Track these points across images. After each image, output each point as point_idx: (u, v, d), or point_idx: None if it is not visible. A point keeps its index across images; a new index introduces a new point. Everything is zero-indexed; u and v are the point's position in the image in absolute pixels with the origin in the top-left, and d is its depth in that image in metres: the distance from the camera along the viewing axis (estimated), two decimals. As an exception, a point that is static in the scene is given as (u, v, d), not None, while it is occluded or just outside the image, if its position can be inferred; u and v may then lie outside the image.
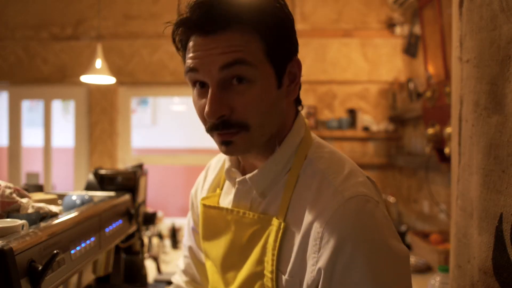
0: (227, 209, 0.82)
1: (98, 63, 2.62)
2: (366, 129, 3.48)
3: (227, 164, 0.85)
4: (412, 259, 2.42)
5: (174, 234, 3.08)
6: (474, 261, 0.84)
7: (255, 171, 0.78)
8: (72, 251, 0.93)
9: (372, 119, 3.56)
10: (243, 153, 0.77)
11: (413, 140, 3.23)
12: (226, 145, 0.73)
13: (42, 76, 3.62)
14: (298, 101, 0.81)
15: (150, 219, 1.89)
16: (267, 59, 0.69)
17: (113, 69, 3.35)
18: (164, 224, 3.26)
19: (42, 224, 0.88)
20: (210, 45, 0.68)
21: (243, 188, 0.80)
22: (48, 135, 3.72)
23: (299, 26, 3.60)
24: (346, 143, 3.57)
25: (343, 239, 0.65)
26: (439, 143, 2.10)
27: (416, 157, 2.95)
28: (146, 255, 2.24)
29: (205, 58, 0.68)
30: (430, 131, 2.12)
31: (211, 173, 0.96)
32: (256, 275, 0.75)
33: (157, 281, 2.19)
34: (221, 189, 0.90)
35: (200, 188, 0.99)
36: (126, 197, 1.40)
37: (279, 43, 0.70)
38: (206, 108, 0.69)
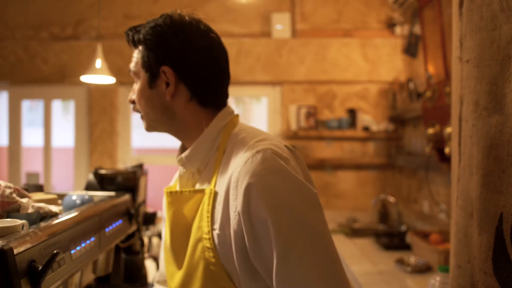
0: (171, 192, 0.95)
1: (98, 63, 2.62)
2: (366, 129, 3.48)
3: (178, 153, 1.00)
4: (412, 259, 2.42)
5: (174, 234, 3.07)
6: (474, 261, 0.84)
7: (188, 150, 0.94)
8: (72, 251, 0.93)
9: (372, 119, 3.56)
10: (150, 130, 1.00)
11: (413, 140, 3.23)
12: (144, 124, 1.01)
13: (42, 76, 3.62)
14: (204, 101, 0.96)
15: (150, 219, 1.89)
16: (142, 67, 0.95)
17: (113, 69, 3.35)
18: (164, 224, 3.26)
19: (42, 224, 0.88)
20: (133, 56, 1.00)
21: (183, 169, 0.96)
22: (48, 135, 3.72)
23: (299, 26, 3.60)
24: (346, 143, 3.57)
25: (250, 182, 0.78)
26: (439, 143, 2.10)
27: (416, 157, 2.95)
28: (146, 255, 2.24)
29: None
30: (430, 131, 2.12)
31: (177, 174, 1.07)
32: (197, 240, 0.86)
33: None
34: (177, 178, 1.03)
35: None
36: (126, 197, 1.40)
37: (148, 55, 0.94)
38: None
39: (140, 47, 0.95)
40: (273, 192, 0.77)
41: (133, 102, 1.00)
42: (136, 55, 0.97)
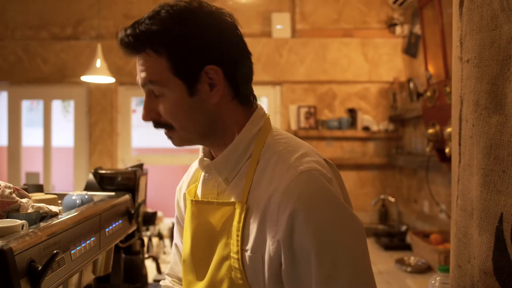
0: (196, 200, 0.88)
1: (98, 63, 2.63)
2: (366, 129, 3.48)
3: (200, 155, 0.91)
4: (412, 259, 2.42)
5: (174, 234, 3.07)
6: (474, 261, 0.84)
7: (217, 157, 0.85)
8: (72, 251, 0.93)
9: (372, 119, 3.56)
10: (183, 145, 0.87)
11: (413, 140, 3.23)
12: (169, 139, 0.87)
13: (42, 76, 3.62)
14: (245, 99, 0.86)
15: (150, 219, 1.89)
16: (174, 75, 0.79)
17: (113, 69, 3.35)
18: (164, 224, 3.26)
19: (42, 224, 0.88)
20: (138, 62, 0.83)
21: (209, 176, 0.88)
22: (48, 135, 3.72)
23: (299, 26, 3.60)
24: (346, 143, 3.57)
25: (296, 208, 0.72)
26: (439, 143, 2.10)
27: (416, 157, 2.95)
28: (146, 255, 2.24)
29: (138, 77, 0.85)
30: (430, 131, 2.12)
31: (193, 169, 1.02)
32: (224, 258, 0.80)
33: (157, 281, 2.19)
34: (199, 182, 0.96)
35: (185, 185, 1.02)
36: (126, 197, 1.40)
37: (183, 58, 0.78)
38: (142, 113, 0.86)
39: (162, 49, 0.78)
40: (319, 221, 0.72)
41: (154, 120, 0.84)
42: (149, 61, 0.80)
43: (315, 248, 0.71)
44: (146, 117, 0.85)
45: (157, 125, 0.85)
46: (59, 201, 1.14)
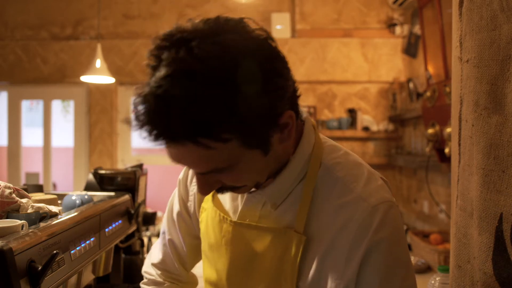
0: (236, 222, 0.78)
1: (98, 63, 2.63)
2: (366, 129, 3.48)
3: None
4: (412, 259, 2.42)
5: (174, 234, 3.07)
6: (474, 261, 0.84)
7: (269, 185, 0.74)
8: (72, 251, 0.93)
9: (372, 119, 3.56)
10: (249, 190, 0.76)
11: (413, 140, 3.23)
12: (232, 192, 0.74)
13: (41, 76, 3.62)
14: (297, 112, 0.72)
15: (150, 219, 1.89)
16: (245, 149, 0.62)
17: (113, 69, 3.35)
18: (164, 224, 3.26)
19: (42, 224, 0.88)
20: (177, 153, 0.62)
21: (253, 198, 0.76)
22: (48, 135, 3.72)
23: (299, 26, 3.60)
24: (346, 143, 3.57)
25: (370, 250, 0.66)
26: (439, 143, 2.10)
27: (416, 157, 2.95)
28: (145, 255, 2.24)
29: (179, 161, 0.64)
30: (430, 131, 2.12)
31: None
32: None
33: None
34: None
35: (190, 177, 0.92)
36: (126, 197, 1.40)
37: (253, 130, 0.61)
38: (198, 188, 0.69)
39: (232, 135, 0.59)
40: (390, 263, 0.67)
41: (221, 189, 0.71)
42: (205, 151, 0.59)
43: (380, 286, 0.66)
44: (208, 193, 0.71)
45: (222, 190, 0.71)
46: (59, 201, 1.14)
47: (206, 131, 0.56)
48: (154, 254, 1.05)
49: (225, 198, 0.83)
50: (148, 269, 1.05)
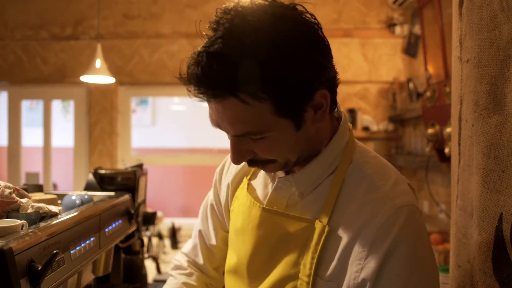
0: (264, 207, 0.80)
1: (98, 63, 2.62)
2: (366, 129, 3.48)
3: None
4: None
5: (173, 234, 3.08)
6: (474, 261, 0.84)
7: (300, 171, 0.77)
8: (72, 251, 0.93)
9: (372, 119, 3.56)
10: (276, 171, 0.79)
11: (413, 140, 3.23)
12: (262, 169, 0.79)
13: (41, 76, 3.62)
14: (334, 108, 0.78)
15: (150, 219, 1.89)
16: (278, 116, 0.67)
17: (113, 69, 3.35)
18: (164, 224, 3.26)
19: (42, 224, 0.88)
20: (217, 110, 0.67)
21: (282, 185, 0.79)
22: (48, 135, 3.72)
23: (299, 26, 3.60)
24: (346, 143, 3.57)
25: (391, 249, 0.67)
26: (439, 143, 2.10)
27: (416, 157, 2.95)
28: (145, 255, 2.24)
29: (217, 121, 0.69)
30: (430, 131, 2.12)
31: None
32: (289, 277, 0.74)
33: (156, 281, 2.19)
34: (249, 178, 0.89)
35: (226, 168, 0.96)
36: (126, 197, 1.40)
37: (287, 97, 0.66)
38: (230, 156, 0.73)
39: (265, 95, 0.64)
40: (413, 266, 0.67)
41: (252, 160, 0.75)
42: (240, 110, 0.65)
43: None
44: (238, 162, 0.74)
45: (252, 163, 0.76)
46: (59, 201, 1.14)
47: (245, 87, 0.62)
48: (187, 243, 1.10)
49: (258, 186, 0.86)
50: (178, 256, 1.10)
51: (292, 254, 0.74)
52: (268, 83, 0.63)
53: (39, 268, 0.75)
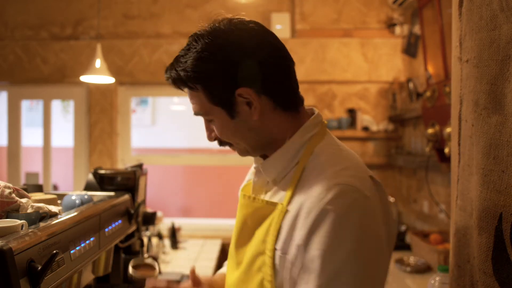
0: (245, 195, 0.95)
1: (98, 63, 2.63)
2: (365, 129, 3.48)
3: (257, 160, 0.98)
4: (412, 259, 2.42)
5: (173, 234, 3.08)
6: (474, 261, 0.84)
7: (266, 160, 0.92)
8: (72, 251, 0.93)
9: (372, 119, 3.56)
10: (246, 156, 0.94)
11: (413, 140, 3.23)
12: (233, 149, 0.95)
13: (41, 76, 3.62)
14: (287, 105, 0.90)
15: (150, 219, 1.89)
16: (213, 104, 0.86)
17: (113, 69, 3.35)
18: (164, 224, 3.26)
19: (42, 224, 0.88)
20: (188, 96, 0.91)
21: (260, 176, 0.94)
22: (48, 135, 3.72)
23: (299, 26, 3.60)
24: (345, 143, 3.50)
25: (318, 218, 0.75)
26: (439, 143, 2.10)
27: (416, 157, 2.95)
28: (145, 255, 2.24)
29: (191, 103, 0.91)
30: (430, 131, 2.12)
31: (253, 167, 1.06)
32: (260, 253, 0.86)
33: (156, 281, 2.18)
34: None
35: (246, 179, 1.09)
36: (126, 197, 1.40)
37: (215, 89, 0.85)
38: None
39: (197, 86, 0.85)
40: (334, 237, 0.74)
41: (216, 139, 0.93)
42: (193, 96, 0.88)
43: (322, 259, 0.74)
44: (209, 139, 0.94)
45: (220, 143, 0.94)
46: (59, 201, 1.14)
47: (190, 79, 0.85)
48: None
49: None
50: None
51: (262, 233, 0.86)
52: (198, 78, 0.85)
53: (39, 268, 0.75)
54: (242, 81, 0.84)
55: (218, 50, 0.83)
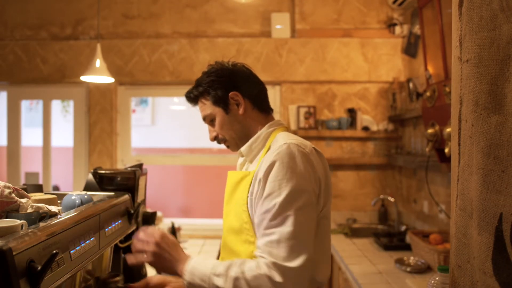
0: (230, 171, 1.35)
1: (98, 63, 2.62)
2: (365, 129, 3.48)
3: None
4: (412, 259, 2.42)
5: (173, 234, 3.07)
6: (474, 261, 0.84)
7: (245, 145, 1.33)
8: (72, 251, 0.93)
9: (372, 119, 3.56)
10: (236, 149, 1.37)
11: (413, 140, 3.23)
12: (228, 148, 1.40)
13: (41, 76, 3.62)
14: (261, 107, 1.37)
15: (150, 219, 1.89)
16: (215, 106, 1.34)
17: (113, 69, 3.35)
18: (164, 224, 3.26)
19: (41, 224, 0.88)
20: (200, 109, 1.39)
21: (240, 157, 1.39)
22: (48, 135, 3.72)
23: (298, 26, 3.60)
24: (345, 143, 3.57)
25: (273, 160, 1.15)
26: (438, 143, 2.10)
27: (415, 157, 2.95)
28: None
29: (202, 114, 1.39)
30: (430, 131, 2.12)
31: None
32: (240, 211, 1.23)
33: (156, 281, 2.18)
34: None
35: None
36: (126, 197, 1.40)
37: (217, 96, 1.33)
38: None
39: (207, 97, 1.33)
40: (280, 169, 1.14)
41: (216, 137, 1.36)
42: (203, 107, 1.34)
43: (267, 181, 1.15)
44: (212, 138, 1.38)
45: (218, 140, 1.37)
46: (59, 201, 1.14)
47: (202, 95, 1.36)
48: None
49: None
50: None
51: (242, 195, 1.24)
52: (207, 92, 1.34)
53: (39, 268, 0.75)
54: (233, 88, 1.32)
55: (220, 72, 1.34)
